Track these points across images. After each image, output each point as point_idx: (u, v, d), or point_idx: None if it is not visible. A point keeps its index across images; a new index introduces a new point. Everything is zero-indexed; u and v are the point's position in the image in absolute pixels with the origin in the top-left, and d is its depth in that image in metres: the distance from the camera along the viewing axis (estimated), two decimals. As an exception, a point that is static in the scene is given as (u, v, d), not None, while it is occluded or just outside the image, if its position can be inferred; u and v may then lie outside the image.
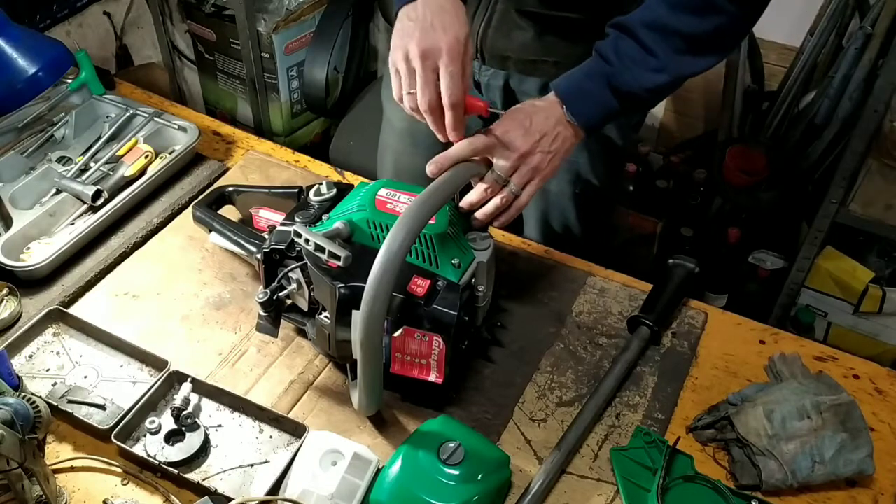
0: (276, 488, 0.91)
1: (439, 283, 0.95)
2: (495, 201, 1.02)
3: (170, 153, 1.34)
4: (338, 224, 0.98)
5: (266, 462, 0.96)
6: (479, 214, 1.03)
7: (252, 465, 0.95)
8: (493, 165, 1.02)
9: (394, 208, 0.99)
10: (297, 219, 1.03)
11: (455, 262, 0.97)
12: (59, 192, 1.26)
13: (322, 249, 0.92)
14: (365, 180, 1.35)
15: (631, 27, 0.99)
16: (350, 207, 1.01)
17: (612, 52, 1.00)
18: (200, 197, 1.23)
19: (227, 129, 1.48)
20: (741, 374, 1.07)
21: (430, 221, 0.94)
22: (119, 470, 0.95)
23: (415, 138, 1.37)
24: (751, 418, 0.96)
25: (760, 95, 2.26)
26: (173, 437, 0.96)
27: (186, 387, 1.00)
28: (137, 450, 0.95)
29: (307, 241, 0.93)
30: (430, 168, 0.99)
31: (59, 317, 1.10)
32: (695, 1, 0.97)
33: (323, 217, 1.03)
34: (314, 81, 2.25)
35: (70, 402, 1.00)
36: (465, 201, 1.04)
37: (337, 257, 0.91)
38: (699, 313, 1.15)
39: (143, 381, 1.03)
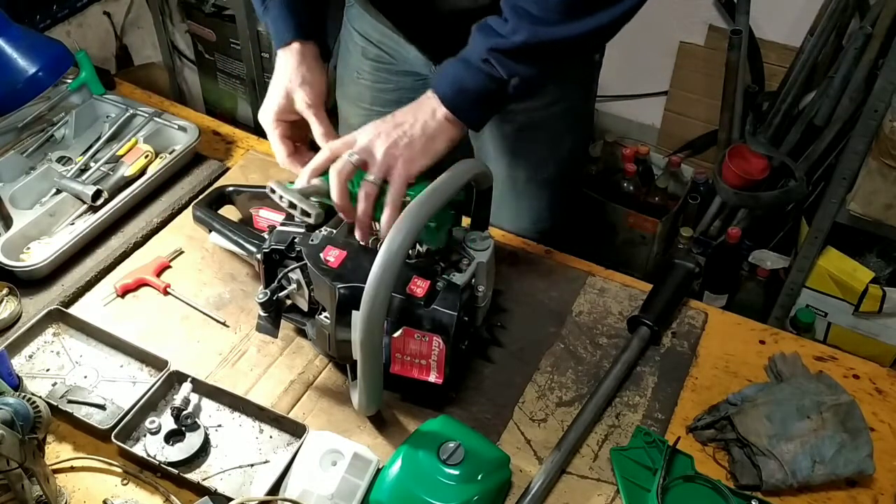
0: (276, 488, 0.91)
1: (439, 283, 0.95)
2: (359, 195, 0.95)
3: (170, 153, 1.34)
4: (315, 181, 0.97)
5: (266, 462, 0.96)
6: (359, 214, 0.96)
7: (252, 465, 0.95)
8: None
9: None
10: (297, 219, 1.02)
11: (433, 224, 0.95)
12: (59, 192, 1.26)
13: (294, 206, 0.92)
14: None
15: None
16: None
17: (473, 29, 0.96)
18: (200, 197, 1.23)
19: (227, 129, 1.48)
20: (741, 374, 1.07)
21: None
22: (119, 470, 0.95)
23: None
24: (751, 418, 0.96)
25: (760, 95, 2.26)
26: (173, 437, 0.96)
27: (186, 387, 1.00)
28: (137, 450, 0.95)
29: (281, 197, 0.94)
30: (297, 183, 0.98)
31: (59, 317, 1.10)
32: None
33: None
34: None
35: (70, 402, 1.00)
36: (332, 192, 0.96)
37: (308, 214, 0.92)
38: (699, 313, 1.15)
39: (143, 381, 1.04)
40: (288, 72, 1.07)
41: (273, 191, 0.95)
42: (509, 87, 0.95)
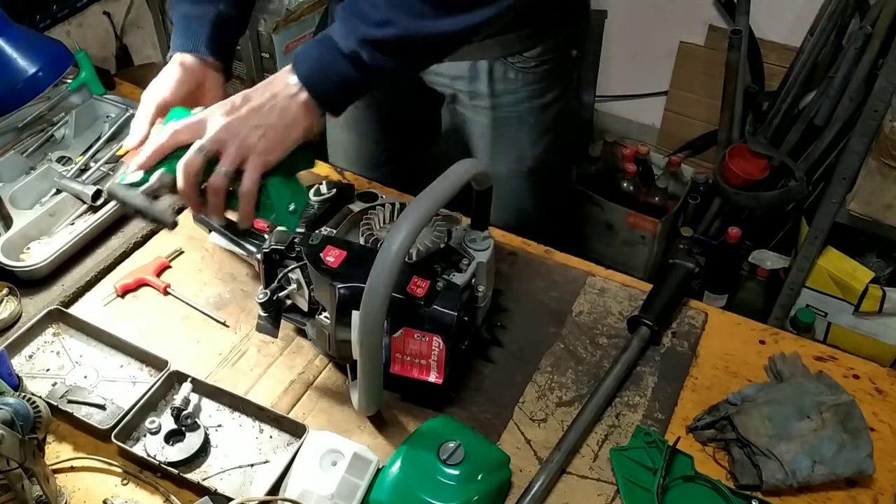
0: (276, 488, 0.91)
1: (439, 283, 0.95)
2: (209, 188, 0.90)
3: (170, 153, 1.34)
4: (157, 174, 0.90)
5: (266, 462, 0.96)
6: (210, 209, 0.91)
7: (252, 465, 0.95)
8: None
9: None
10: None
11: (291, 207, 0.93)
12: (59, 192, 1.26)
13: (143, 213, 0.87)
14: (364, 180, 1.35)
15: None
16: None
17: (345, 11, 0.91)
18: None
19: (227, 129, 1.48)
20: (741, 374, 1.07)
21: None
22: (119, 470, 0.95)
23: (358, 129, 1.42)
24: (751, 418, 0.96)
25: (760, 95, 2.26)
26: (173, 437, 0.96)
27: (186, 387, 1.00)
28: (137, 450, 0.95)
29: (124, 203, 0.88)
30: (130, 170, 0.91)
31: (59, 317, 1.10)
32: None
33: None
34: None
35: (70, 402, 1.00)
36: (179, 188, 0.90)
37: (161, 221, 0.87)
38: (699, 313, 1.15)
39: (143, 381, 1.04)
40: (178, 75, 1.04)
41: (114, 195, 0.87)
42: (373, 75, 0.92)
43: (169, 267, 1.20)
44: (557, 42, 1.25)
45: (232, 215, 0.94)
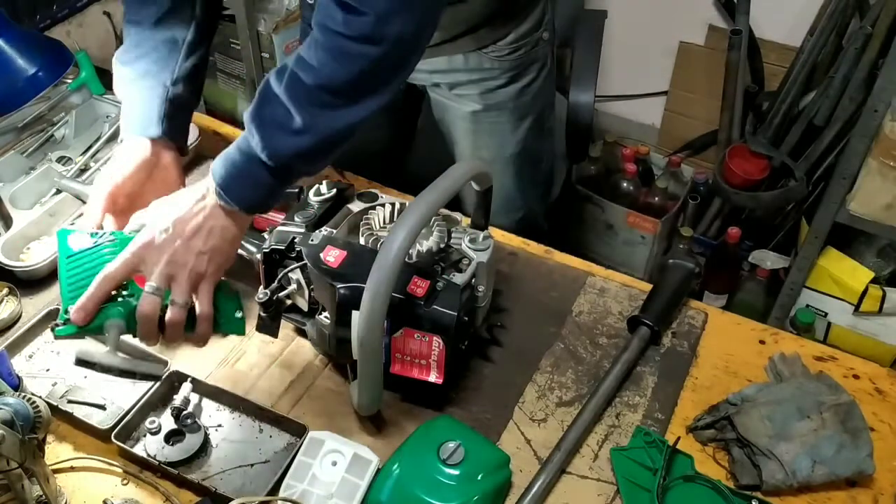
0: (276, 488, 0.91)
1: (439, 283, 0.95)
2: (168, 322, 0.90)
3: (170, 153, 1.34)
4: (111, 330, 0.90)
5: (266, 462, 0.96)
6: (168, 340, 0.92)
7: (252, 465, 0.95)
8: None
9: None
10: (296, 219, 1.03)
11: (239, 314, 0.98)
12: (59, 192, 1.26)
13: (128, 372, 0.91)
14: (364, 180, 1.35)
15: (271, 89, 0.88)
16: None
17: (257, 119, 0.89)
18: (200, 197, 1.23)
19: (227, 129, 1.48)
20: (741, 374, 1.07)
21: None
22: (119, 470, 0.94)
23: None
24: (751, 418, 0.96)
25: (760, 95, 2.26)
26: (173, 437, 0.96)
27: (186, 387, 1.00)
28: (137, 450, 0.95)
29: (94, 364, 0.93)
30: (74, 316, 0.88)
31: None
32: (330, 48, 0.85)
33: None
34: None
35: (70, 402, 1.00)
36: (140, 333, 0.91)
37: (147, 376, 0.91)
38: (699, 313, 1.15)
39: (143, 381, 1.03)
40: (133, 160, 1.04)
41: (90, 363, 0.90)
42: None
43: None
44: (528, 28, 1.27)
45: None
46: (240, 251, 1.11)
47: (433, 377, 0.96)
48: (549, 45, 1.34)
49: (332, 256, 0.96)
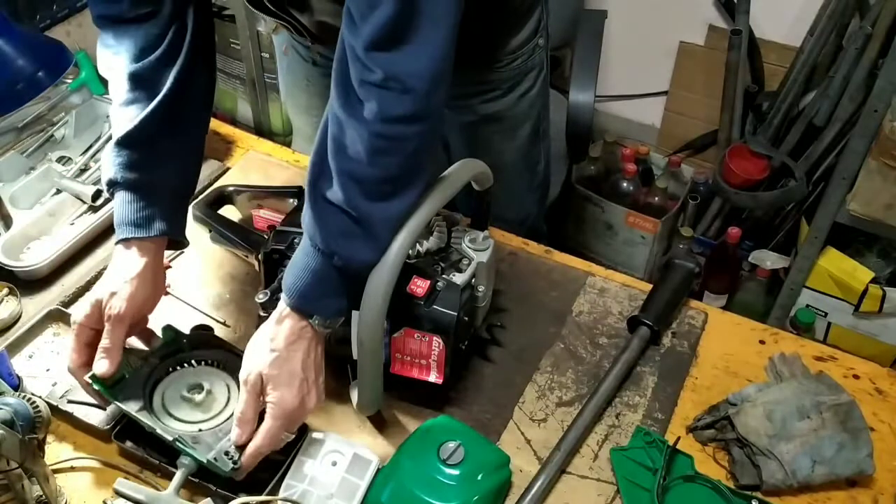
0: (276, 488, 0.91)
1: (439, 283, 0.95)
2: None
3: (170, 153, 1.34)
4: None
5: (266, 462, 0.95)
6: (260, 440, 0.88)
7: (252, 465, 0.95)
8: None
9: None
10: (296, 219, 1.02)
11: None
12: (59, 192, 1.26)
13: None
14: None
15: (330, 203, 0.85)
16: None
17: (325, 235, 0.85)
18: (200, 197, 1.23)
19: (227, 129, 1.48)
20: (741, 374, 1.07)
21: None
22: (119, 470, 0.94)
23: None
24: (751, 418, 0.96)
25: (760, 95, 2.26)
26: (173, 437, 0.96)
27: (187, 387, 0.99)
28: (137, 450, 0.95)
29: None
30: (247, 462, 0.87)
31: (59, 317, 1.10)
32: (379, 135, 0.81)
33: None
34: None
35: (70, 402, 1.00)
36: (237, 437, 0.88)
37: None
38: (699, 313, 1.15)
39: (143, 381, 1.03)
40: (120, 275, 0.95)
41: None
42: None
43: (169, 267, 1.19)
44: (525, 37, 1.26)
45: None
46: (240, 251, 1.11)
47: (433, 377, 0.96)
48: (545, 51, 1.34)
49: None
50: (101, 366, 0.90)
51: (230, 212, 1.23)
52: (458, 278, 0.97)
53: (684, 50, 2.41)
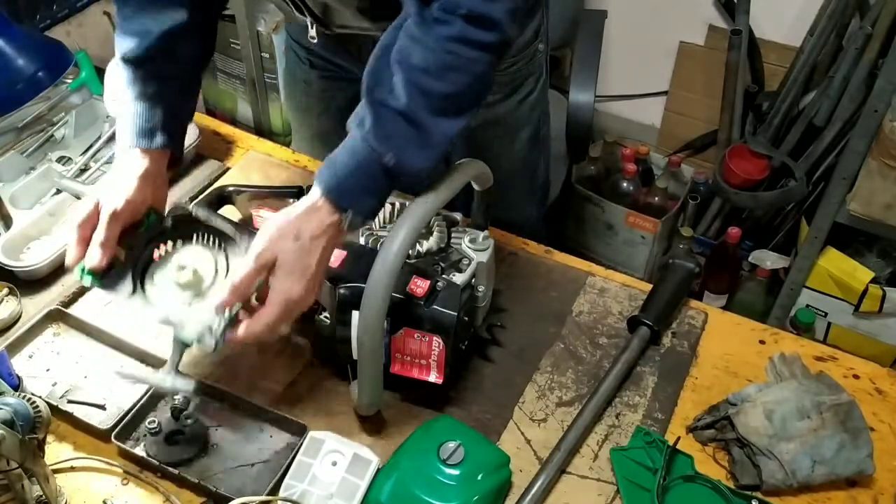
0: (276, 488, 0.91)
1: (439, 283, 0.95)
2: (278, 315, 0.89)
3: (170, 153, 1.34)
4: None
5: (266, 462, 0.96)
6: (258, 324, 0.89)
7: (252, 465, 0.95)
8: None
9: None
10: None
11: None
12: (59, 192, 1.26)
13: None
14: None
15: (389, 105, 0.86)
16: None
17: (380, 136, 0.87)
18: (200, 197, 1.23)
19: (227, 129, 1.48)
20: (741, 374, 1.07)
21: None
22: (119, 470, 0.95)
23: (325, 142, 1.39)
24: (751, 418, 0.96)
25: (760, 95, 2.26)
26: (173, 437, 0.96)
27: (187, 387, 1.00)
28: (137, 450, 0.95)
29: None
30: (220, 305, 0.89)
31: (59, 317, 1.10)
32: (447, 62, 0.85)
33: None
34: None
35: (70, 402, 1.00)
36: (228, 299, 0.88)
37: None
38: (699, 313, 1.15)
39: (143, 381, 1.03)
40: (117, 177, 0.98)
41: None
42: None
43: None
44: (525, 40, 1.25)
45: None
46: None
47: (433, 377, 0.96)
48: (545, 56, 1.33)
49: (333, 256, 0.96)
50: (93, 257, 0.93)
51: (230, 212, 1.22)
52: (458, 278, 0.97)
53: (684, 50, 2.41)
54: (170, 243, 1.01)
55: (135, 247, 0.98)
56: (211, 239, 1.01)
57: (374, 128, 0.86)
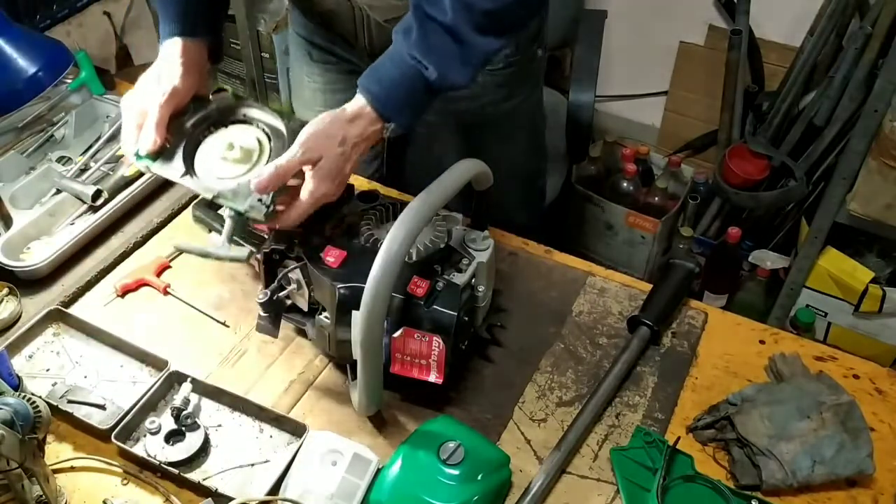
0: (276, 488, 0.91)
1: (439, 283, 0.95)
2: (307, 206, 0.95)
3: (170, 153, 1.34)
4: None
5: (266, 462, 0.96)
6: (294, 215, 0.96)
7: (252, 465, 0.95)
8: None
9: None
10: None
11: None
12: (59, 192, 1.26)
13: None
14: (363, 180, 1.35)
15: (436, 19, 0.92)
16: None
17: (423, 48, 0.93)
18: (200, 197, 1.23)
19: (227, 129, 1.48)
20: (741, 374, 1.07)
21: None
22: (119, 470, 0.95)
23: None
24: (751, 418, 0.96)
25: (760, 95, 2.26)
26: (173, 437, 0.96)
27: (186, 387, 1.00)
28: (137, 450, 0.95)
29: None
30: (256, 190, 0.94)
31: (59, 317, 1.10)
32: None
33: None
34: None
35: (70, 402, 1.00)
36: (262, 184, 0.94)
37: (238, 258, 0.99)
38: (699, 313, 1.15)
39: (143, 381, 1.03)
40: (163, 66, 1.05)
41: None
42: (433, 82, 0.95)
43: (169, 267, 1.20)
44: (525, 41, 1.25)
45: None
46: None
47: (433, 377, 0.96)
48: (542, 62, 1.33)
49: (332, 256, 0.96)
50: (148, 140, 1.01)
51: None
52: (458, 278, 0.97)
53: (684, 50, 2.41)
54: (214, 129, 1.08)
55: (183, 131, 1.05)
56: (256, 123, 1.08)
57: (418, 40, 0.92)
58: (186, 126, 1.05)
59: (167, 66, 1.04)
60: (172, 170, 1.02)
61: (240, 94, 1.11)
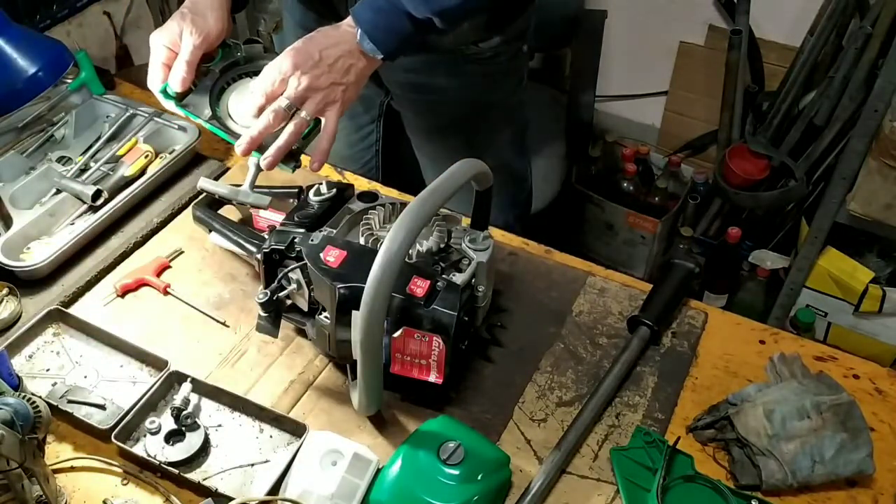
0: (276, 488, 0.91)
1: (439, 283, 0.95)
2: (289, 128, 1.00)
3: (170, 153, 1.34)
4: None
5: (266, 462, 0.96)
6: (285, 139, 1.00)
7: (252, 465, 0.95)
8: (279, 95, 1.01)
9: None
10: (296, 219, 1.03)
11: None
12: (59, 192, 1.26)
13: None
14: (364, 180, 1.35)
15: None
16: None
17: None
18: (200, 197, 1.23)
19: (227, 129, 1.48)
20: (741, 374, 1.07)
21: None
22: (119, 470, 0.95)
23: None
24: (751, 418, 0.96)
25: (760, 95, 2.26)
26: (173, 437, 0.96)
27: (186, 387, 1.00)
28: (137, 450, 0.95)
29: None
30: (240, 149, 1.01)
31: (59, 317, 1.10)
32: None
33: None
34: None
35: (70, 402, 1.00)
36: (250, 136, 1.01)
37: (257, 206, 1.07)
38: (699, 313, 1.15)
39: (143, 381, 1.04)
40: (200, 6, 1.08)
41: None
42: (432, 36, 1.01)
43: (169, 267, 1.20)
44: (512, 34, 1.25)
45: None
46: (240, 251, 1.11)
47: (433, 377, 0.96)
48: (525, 60, 1.33)
49: (332, 256, 0.96)
50: (176, 80, 1.05)
51: (230, 212, 1.23)
52: (458, 278, 0.97)
53: (684, 50, 2.41)
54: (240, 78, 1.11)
55: (210, 75, 1.09)
56: None
57: None
58: (214, 71, 1.08)
59: (196, 9, 1.07)
60: (199, 112, 1.05)
61: (268, 47, 1.13)
